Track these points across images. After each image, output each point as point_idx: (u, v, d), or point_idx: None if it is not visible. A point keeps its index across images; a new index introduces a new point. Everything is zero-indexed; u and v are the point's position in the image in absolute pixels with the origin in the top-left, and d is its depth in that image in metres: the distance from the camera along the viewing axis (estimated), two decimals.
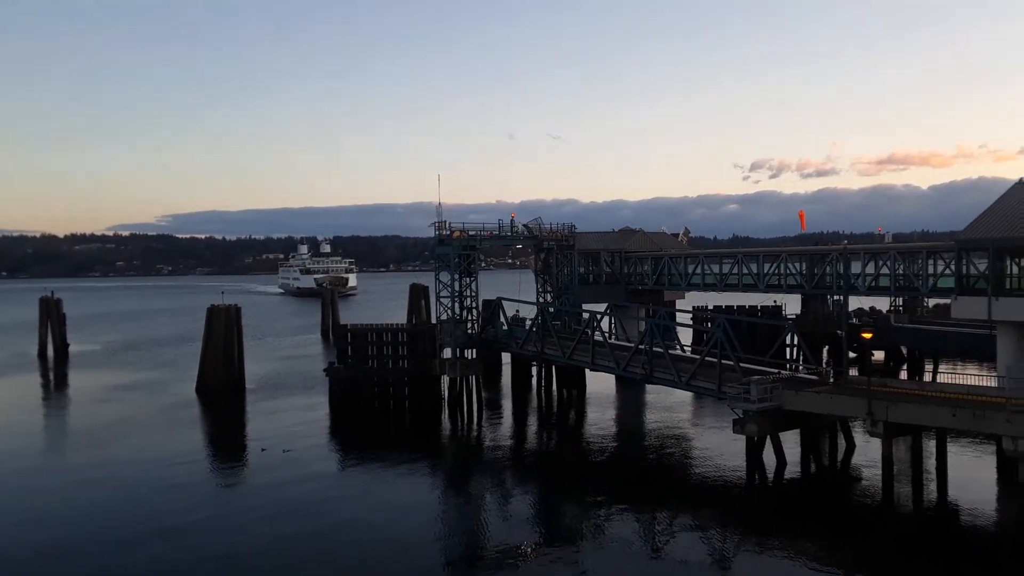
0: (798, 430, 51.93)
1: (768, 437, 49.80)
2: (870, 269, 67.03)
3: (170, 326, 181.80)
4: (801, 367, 57.39)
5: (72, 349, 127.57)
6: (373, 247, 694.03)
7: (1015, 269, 52.18)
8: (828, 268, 70.11)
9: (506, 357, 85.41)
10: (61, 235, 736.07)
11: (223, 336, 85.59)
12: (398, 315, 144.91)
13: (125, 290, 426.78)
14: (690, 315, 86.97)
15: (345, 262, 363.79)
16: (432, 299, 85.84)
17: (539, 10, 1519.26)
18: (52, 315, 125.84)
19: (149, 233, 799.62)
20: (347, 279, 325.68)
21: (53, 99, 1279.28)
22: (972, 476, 48.04)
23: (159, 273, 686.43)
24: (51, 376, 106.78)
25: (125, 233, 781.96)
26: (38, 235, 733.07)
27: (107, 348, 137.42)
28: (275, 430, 66.21)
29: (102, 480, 51.67)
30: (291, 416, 72.57)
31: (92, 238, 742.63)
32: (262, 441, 61.81)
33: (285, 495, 47.09)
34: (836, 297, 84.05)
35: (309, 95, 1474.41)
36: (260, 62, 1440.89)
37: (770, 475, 49.14)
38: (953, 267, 54.80)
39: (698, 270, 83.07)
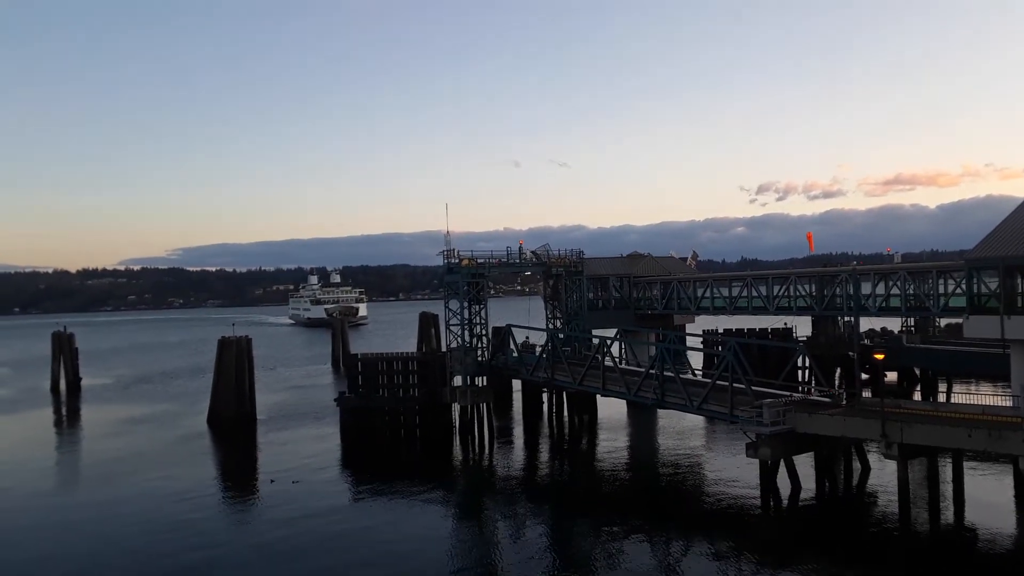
0: (812, 453, 51.48)
1: (782, 461, 49.41)
2: (880, 290, 66.87)
3: (182, 359, 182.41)
4: (813, 389, 57.06)
5: (84, 383, 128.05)
6: (383, 276, 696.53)
7: None
8: (838, 289, 69.96)
9: (517, 384, 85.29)
10: (73, 270, 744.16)
11: (234, 368, 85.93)
12: (408, 344, 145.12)
13: (137, 324, 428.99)
14: (700, 339, 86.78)
15: (355, 292, 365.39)
16: (442, 327, 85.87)
17: (542, 38, 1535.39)
18: (64, 350, 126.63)
19: (160, 267, 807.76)
20: (357, 309, 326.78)
21: (62, 136, 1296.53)
22: (989, 497, 47.49)
23: (170, 306, 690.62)
24: (64, 410, 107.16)
25: (136, 267, 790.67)
26: (50, 271, 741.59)
27: (119, 381, 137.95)
28: (286, 461, 66.11)
29: (114, 516, 51.59)
30: (302, 447, 72.51)
31: (104, 273, 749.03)
32: (273, 472, 61.74)
33: (295, 529, 46.79)
34: (847, 318, 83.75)
35: (315, 127, 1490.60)
36: (267, 96, 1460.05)
37: (784, 499, 48.66)
38: (964, 286, 54.55)
39: (707, 294, 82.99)
